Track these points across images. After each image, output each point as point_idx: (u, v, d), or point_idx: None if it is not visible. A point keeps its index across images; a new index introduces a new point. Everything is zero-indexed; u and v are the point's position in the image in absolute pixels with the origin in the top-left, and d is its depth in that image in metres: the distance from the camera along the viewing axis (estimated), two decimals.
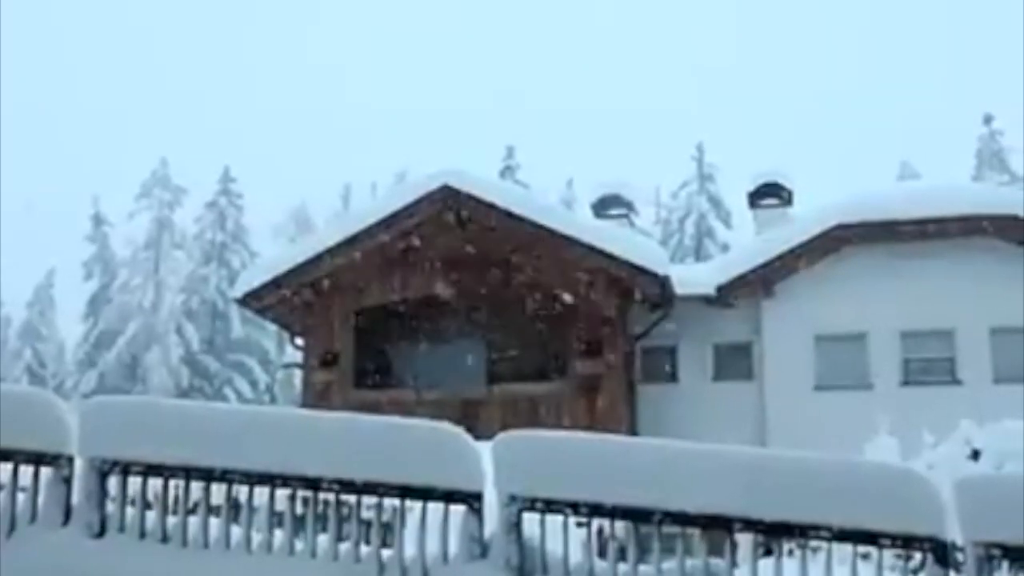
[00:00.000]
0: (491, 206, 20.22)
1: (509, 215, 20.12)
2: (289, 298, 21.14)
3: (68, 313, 52.43)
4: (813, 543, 5.93)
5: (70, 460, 6.66)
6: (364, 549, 6.39)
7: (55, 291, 54.29)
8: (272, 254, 30.10)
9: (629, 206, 26.16)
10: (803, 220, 21.89)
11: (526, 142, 55.50)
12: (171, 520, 6.59)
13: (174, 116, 75.52)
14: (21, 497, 6.71)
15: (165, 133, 65.41)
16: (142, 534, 6.55)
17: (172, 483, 6.63)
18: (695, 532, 6.08)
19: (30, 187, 65.91)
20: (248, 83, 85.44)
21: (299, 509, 6.51)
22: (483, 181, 21.71)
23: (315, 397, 20.57)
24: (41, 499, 6.64)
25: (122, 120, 75.60)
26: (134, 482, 6.65)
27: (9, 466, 6.69)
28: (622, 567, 6.13)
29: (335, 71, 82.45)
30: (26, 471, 6.68)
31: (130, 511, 6.62)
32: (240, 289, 21.85)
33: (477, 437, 6.57)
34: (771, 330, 21.03)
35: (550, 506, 6.18)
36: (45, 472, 6.66)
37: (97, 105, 76.66)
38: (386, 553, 6.36)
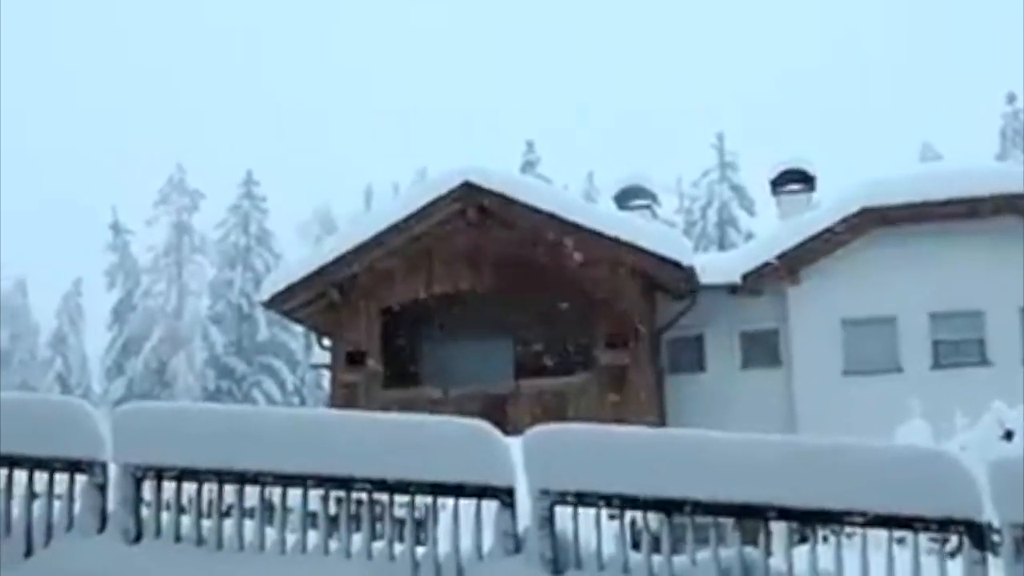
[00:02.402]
0: (513, 201, 20.22)
1: (531, 209, 20.11)
2: (315, 299, 21.22)
3: (94, 322, 52.84)
4: (848, 529, 5.91)
5: (104, 467, 6.71)
6: (398, 547, 6.41)
7: (83, 300, 54.68)
8: (296, 256, 30.24)
9: (651, 197, 26.10)
10: (827, 205, 21.78)
11: (546, 137, 55.36)
12: (206, 524, 6.63)
13: (190, 121, 75.74)
14: (57, 505, 6.76)
15: (181, 138, 65.69)
16: (177, 538, 6.60)
17: (206, 487, 6.67)
18: (729, 522, 6.07)
19: (51, 197, 66.39)
20: (265, 85, 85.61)
21: (332, 509, 6.54)
22: (504, 176, 21.71)
23: (343, 397, 20.64)
24: (77, 506, 6.69)
25: (137, 126, 75.96)
26: (168, 487, 6.69)
27: (45, 475, 6.74)
28: (656, 559, 6.12)
29: (353, 72, 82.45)
30: (62, 479, 6.74)
31: (165, 516, 6.67)
32: (265, 292, 21.95)
33: (506, 432, 6.58)
34: (798, 316, 20.93)
35: (582, 499, 6.19)
36: (80, 480, 6.71)
37: (110, 111, 77.07)
38: (420, 551, 6.38)
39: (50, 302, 54.39)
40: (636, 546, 6.39)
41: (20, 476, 6.75)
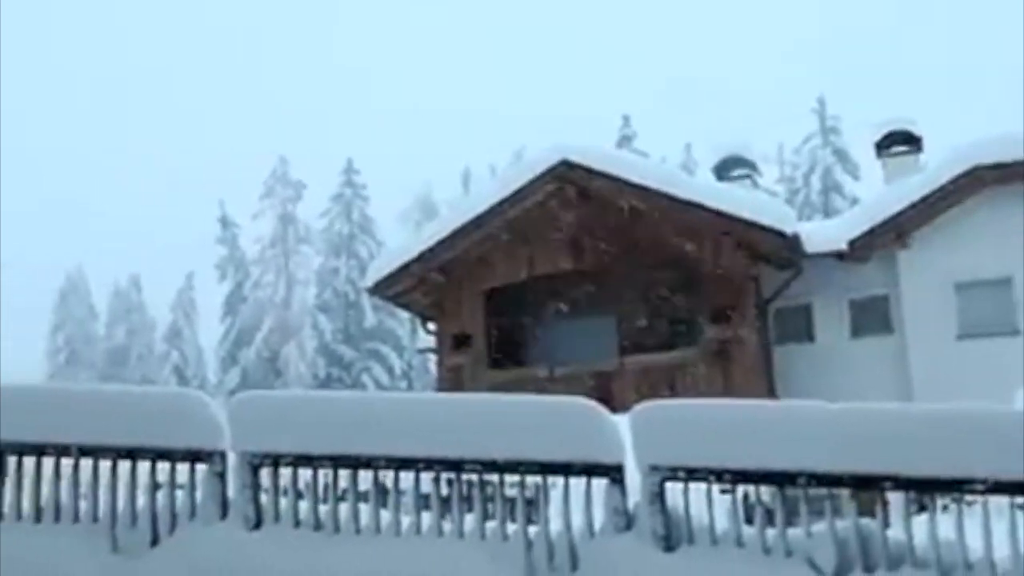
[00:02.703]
0: (610, 177, 20.13)
1: (629, 184, 19.99)
2: (418, 284, 21.45)
3: (207, 314, 54.25)
4: (968, 497, 5.76)
5: (223, 456, 6.88)
6: (510, 527, 6.46)
7: (195, 293, 56.16)
8: (399, 242, 30.58)
9: (751, 166, 25.72)
10: (936, 165, 21.16)
11: (641, 110, 54.91)
12: (322, 508, 6.77)
13: (290, 114, 77.07)
14: (180, 494, 6.96)
15: (282, 131, 66.85)
16: (296, 523, 6.74)
17: (321, 472, 6.80)
18: (844, 493, 5.97)
19: (161, 195, 68.24)
20: (360, 75, 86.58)
21: (444, 491, 6.62)
22: (601, 152, 21.62)
23: (450, 380, 20.86)
24: (199, 495, 6.89)
25: (240, 122, 77.55)
26: (285, 473, 6.84)
27: (167, 465, 6.95)
28: (770, 532, 6.06)
29: (446, 59, 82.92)
30: (183, 469, 6.94)
31: (283, 501, 6.82)
32: (370, 279, 22.28)
33: (612, 410, 6.57)
34: (909, 281, 20.42)
35: (692, 475, 6.15)
36: (201, 469, 6.90)
37: (213, 110, 78.79)
38: (532, 530, 6.41)
39: (164, 297, 56.05)
40: (749, 520, 6.33)
41: (143, 467, 6.96)
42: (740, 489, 6.25)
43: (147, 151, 77.77)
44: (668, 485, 6.18)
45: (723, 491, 6.29)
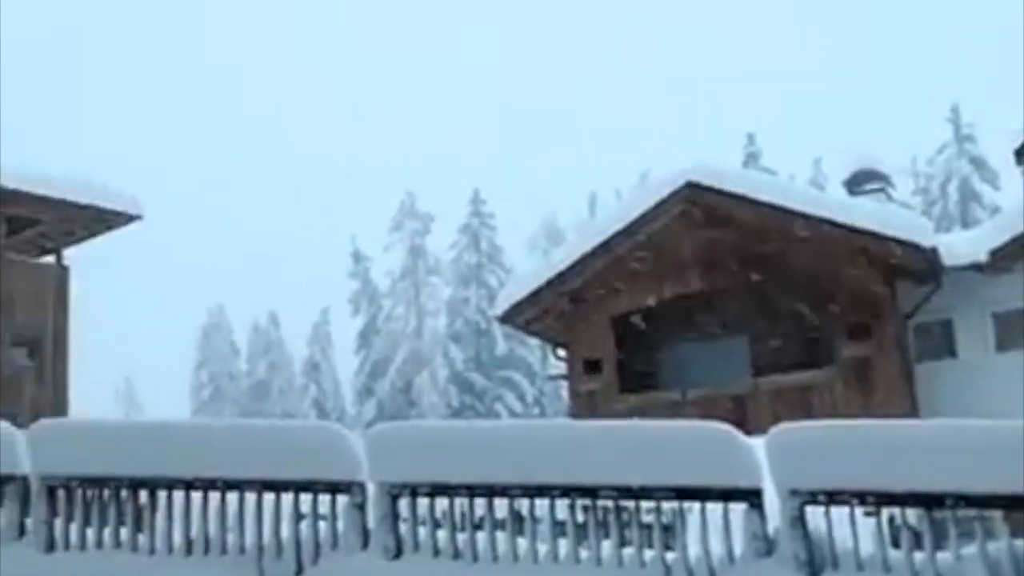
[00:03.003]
0: (738, 197, 19.89)
1: (757, 203, 19.72)
2: (547, 311, 21.52)
3: (343, 347, 55.42)
4: None
5: (362, 487, 7.01)
6: (648, 553, 6.41)
7: (331, 327, 57.46)
8: (526, 269, 30.74)
9: (884, 179, 25.10)
10: None
11: (766, 128, 54.15)
12: (460, 537, 6.83)
13: (415, 147, 78.36)
14: (322, 525, 7.12)
15: (408, 165, 68.03)
16: (435, 552, 6.82)
17: (457, 501, 6.87)
18: (996, 514, 5.76)
19: (294, 234, 70.12)
20: (483, 105, 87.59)
21: (580, 518, 6.61)
22: (727, 172, 21.40)
23: (582, 406, 20.83)
24: (340, 525, 7.02)
25: (367, 158, 79.19)
26: (422, 503, 6.93)
27: (309, 497, 7.12)
28: (918, 556, 5.87)
29: (570, 81, 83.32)
30: (324, 500, 7.09)
31: (422, 531, 6.91)
32: (499, 307, 22.46)
33: (747, 432, 6.48)
34: None
35: (833, 498, 6.01)
36: (341, 500, 7.04)
37: (341, 148, 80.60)
38: (670, 556, 6.36)
39: (301, 332, 57.49)
40: (896, 544, 6.15)
41: (287, 499, 7.14)
42: (885, 512, 6.08)
43: (279, 192, 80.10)
44: (809, 509, 6.06)
45: (867, 514, 6.13)
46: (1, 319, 23.87)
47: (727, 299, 20.46)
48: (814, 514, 6.07)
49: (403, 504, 6.94)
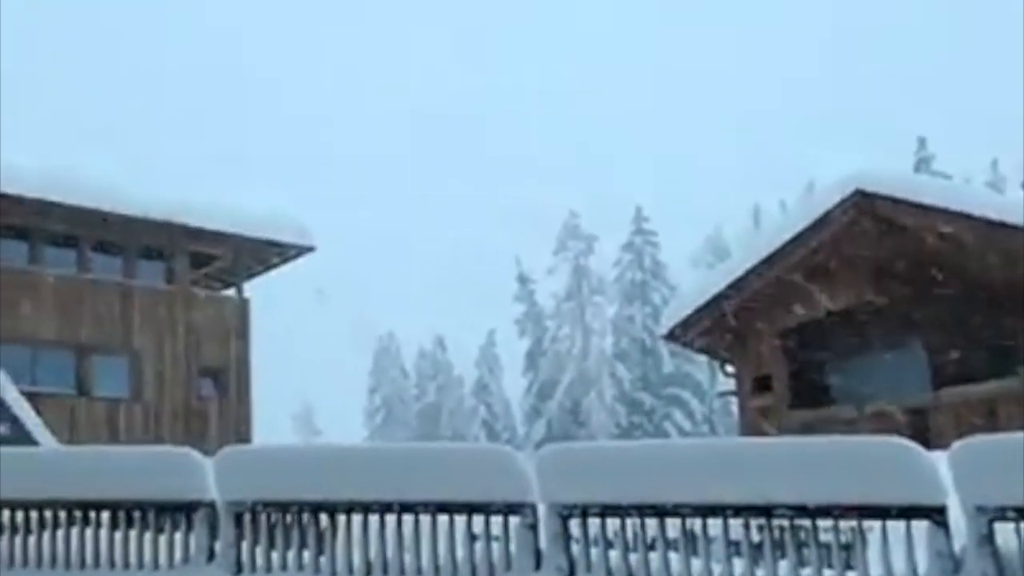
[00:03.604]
0: (909, 203, 19.23)
1: (929, 209, 19.03)
2: (713, 327, 21.27)
3: (510, 369, 55.99)
4: None
5: (533, 508, 7.07)
6: (827, 573, 6.26)
7: (497, 349, 58.17)
8: (691, 285, 30.46)
9: None
10: None
11: (938, 131, 52.24)
12: (632, 557, 6.80)
13: (576, 167, 78.65)
14: (495, 546, 7.20)
15: (570, 185, 68.32)
16: (607, 572, 6.81)
17: (628, 521, 6.85)
18: None
19: (459, 252, 71.30)
20: (640, 120, 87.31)
21: (755, 537, 6.50)
22: (896, 178, 20.73)
23: (753, 423, 20.49)
24: (512, 546, 7.10)
25: (531, 178, 79.92)
26: (593, 523, 6.94)
27: (482, 518, 7.22)
28: None
29: (724, 96, 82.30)
30: (496, 521, 7.18)
31: (594, 551, 6.91)
32: (665, 325, 22.31)
33: (928, 447, 6.26)
34: None
35: None
36: (513, 521, 7.11)
37: (504, 172, 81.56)
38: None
39: (469, 355, 58.36)
40: None
41: (460, 521, 7.25)
42: None
43: (443, 217, 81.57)
44: (997, 526, 5.81)
45: None
46: (188, 351, 25.07)
47: (902, 309, 19.77)
48: (1003, 531, 5.82)
49: (574, 525, 6.96)
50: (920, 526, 6.00)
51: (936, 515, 5.94)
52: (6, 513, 8.61)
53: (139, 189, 25.36)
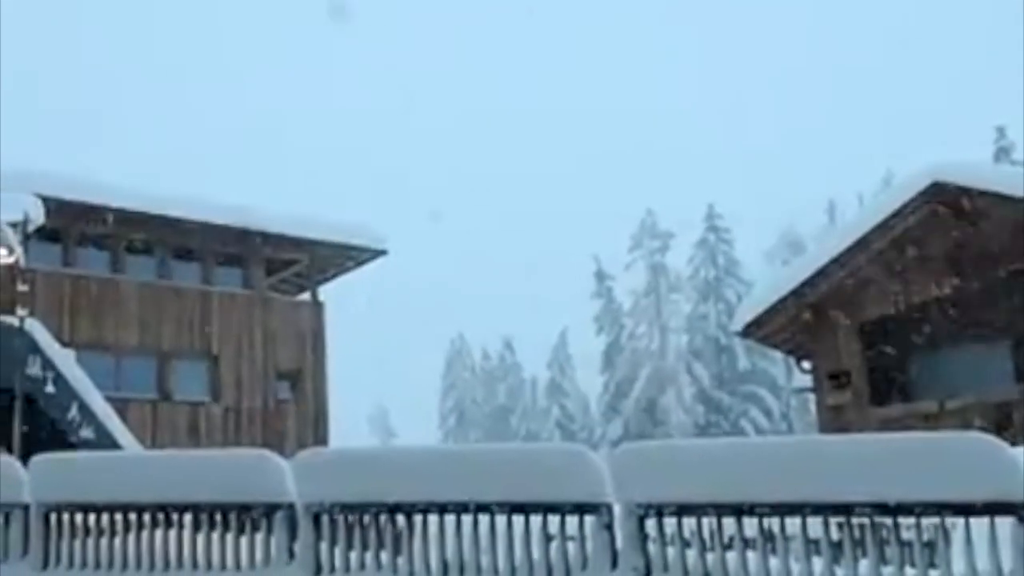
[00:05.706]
0: (988, 193, 18.80)
1: (1009, 199, 18.58)
2: (789, 323, 20.99)
3: (588, 367, 55.81)
4: None
5: (609, 507, 7.05)
6: (909, 572, 6.16)
7: (570, 348, 58.08)
8: (765, 281, 30.12)
9: None
10: None
11: (1017, 120, 50.96)
12: (710, 556, 6.75)
13: (651, 165, 78.26)
14: (571, 546, 7.20)
15: (645, 183, 67.99)
16: (684, 572, 6.77)
17: (704, 520, 6.80)
18: None
19: (530, 252, 71.32)
20: (713, 118, 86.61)
21: (834, 535, 6.41)
22: (975, 169, 20.29)
23: (831, 419, 20.17)
24: (588, 546, 7.08)
25: (605, 177, 79.72)
26: (669, 522, 6.90)
27: (557, 518, 7.21)
28: None
29: (798, 93, 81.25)
30: (572, 521, 7.17)
31: (671, 551, 6.87)
32: (739, 321, 22.06)
33: (1013, 442, 6.13)
34: None
35: None
36: (588, 520, 7.10)
37: (580, 167, 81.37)
38: (933, 574, 6.08)
39: (541, 355, 58.35)
40: None
41: (535, 521, 7.26)
42: None
43: (518, 215, 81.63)
44: None
45: None
46: (266, 355, 25.44)
47: (984, 301, 19.32)
48: None
49: (650, 524, 6.93)
50: (1005, 523, 5.88)
51: (1021, 511, 5.81)
52: (92, 516, 8.83)
53: (216, 196, 25.82)
